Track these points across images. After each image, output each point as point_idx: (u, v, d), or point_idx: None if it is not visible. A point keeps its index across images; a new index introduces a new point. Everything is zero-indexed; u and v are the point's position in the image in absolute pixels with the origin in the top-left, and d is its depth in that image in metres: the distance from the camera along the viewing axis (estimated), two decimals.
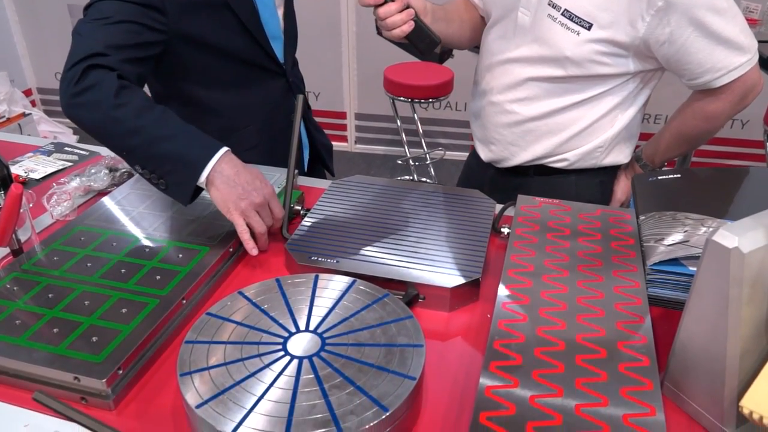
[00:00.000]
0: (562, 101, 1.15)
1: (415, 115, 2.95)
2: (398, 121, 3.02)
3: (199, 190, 0.94)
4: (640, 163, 1.26)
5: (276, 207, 0.97)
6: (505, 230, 0.98)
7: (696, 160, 3.01)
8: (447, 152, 3.21)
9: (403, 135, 3.06)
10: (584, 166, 1.22)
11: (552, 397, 0.63)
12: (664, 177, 1.01)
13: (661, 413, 0.61)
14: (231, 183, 0.92)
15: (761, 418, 0.58)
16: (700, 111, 1.14)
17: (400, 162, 3.16)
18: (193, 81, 1.18)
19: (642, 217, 0.93)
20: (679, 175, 1.00)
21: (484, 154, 1.31)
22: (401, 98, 2.75)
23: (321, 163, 1.48)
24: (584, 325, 0.73)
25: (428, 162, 3.06)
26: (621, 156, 1.24)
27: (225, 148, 0.94)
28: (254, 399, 0.62)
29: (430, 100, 2.74)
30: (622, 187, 1.29)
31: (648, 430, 0.59)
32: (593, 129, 1.17)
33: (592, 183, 1.26)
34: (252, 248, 0.92)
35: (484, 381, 0.65)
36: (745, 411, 0.60)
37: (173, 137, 0.93)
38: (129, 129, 0.93)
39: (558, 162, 1.22)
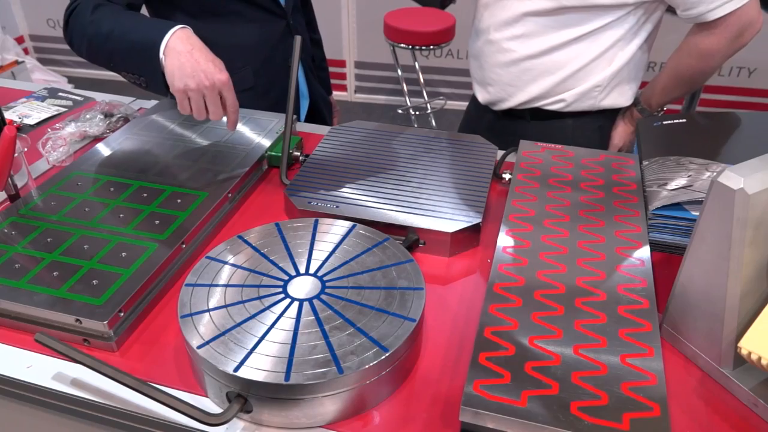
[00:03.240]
0: (558, 37, 1.13)
1: (416, 63, 2.89)
2: (399, 70, 2.96)
3: None
4: (638, 108, 1.25)
5: (230, 97, 0.91)
6: (507, 176, 0.97)
7: (701, 110, 2.97)
8: (448, 101, 3.16)
9: (404, 84, 3.00)
10: (582, 108, 1.21)
11: (551, 338, 0.63)
12: (669, 122, 0.99)
13: (659, 354, 0.62)
14: (182, 58, 0.88)
15: (759, 358, 0.59)
16: (695, 48, 1.12)
17: (400, 111, 3.11)
18: (186, 13, 1.17)
19: (645, 162, 0.92)
20: (684, 120, 0.99)
21: (482, 96, 1.30)
22: (402, 45, 2.69)
23: (320, 119, 1.46)
24: (585, 268, 0.73)
25: (429, 111, 3.03)
26: (621, 98, 1.22)
27: (181, 26, 0.92)
28: (255, 340, 0.63)
29: (432, 47, 2.68)
30: (619, 132, 1.28)
31: (645, 370, 0.60)
32: (591, 67, 1.16)
33: (589, 128, 1.25)
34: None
35: (484, 322, 0.65)
36: (744, 352, 0.60)
37: (137, 28, 0.94)
38: (104, 37, 0.96)
39: (555, 103, 1.21)
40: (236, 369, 0.59)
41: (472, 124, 1.41)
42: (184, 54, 0.89)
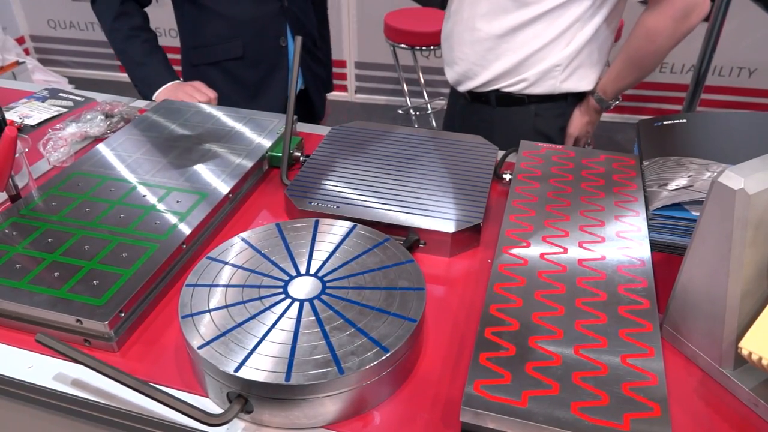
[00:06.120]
0: (519, 16, 1.19)
1: (416, 63, 2.89)
2: (399, 70, 2.96)
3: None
4: (594, 96, 1.29)
5: (206, 89, 1.29)
6: (507, 176, 0.97)
7: (701, 110, 2.98)
8: None
9: (404, 84, 3.01)
10: (543, 89, 1.26)
11: (552, 339, 0.63)
12: (669, 122, 0.99)
13: (659, 354, 0.62)
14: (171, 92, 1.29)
15: (760, 359, 0.59)
16: (643, 28, 1.16)
17: (401, 112, 3.12)
18: None
19: (646, 163, 0.92)
20: (684, 120, 0.99)
21: (450, 76, 1.37)
22: (402, 45, 2.69)
23: (310, 107, 1.57)
24: (585, 269, 0.73)
25: (429, 111, 3.03)
26: (582, 83, 1.27)
27: (174, 81, 1.32)
28: (256, 340, 0.63)
29: (432, 47, 2.69)
30: (574, 122, 1.33)
31: (646, 370, 0.60)
32: (550, 47, 1.21)
33: (551, 114, 1.31)
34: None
35: (484, 323, 0.65)
36: (744, 352, 0.60)
37: (139, 68, 1.33)
38: (117, 50, 1.35)
39: (517, 83, 1.26)
40: (237, 369, 0.59)
41: (450, 111, 1.49)
42: (172, 95, 1.28)
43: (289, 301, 0.68)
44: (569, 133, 1.34)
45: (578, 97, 1.31)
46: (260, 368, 0.59)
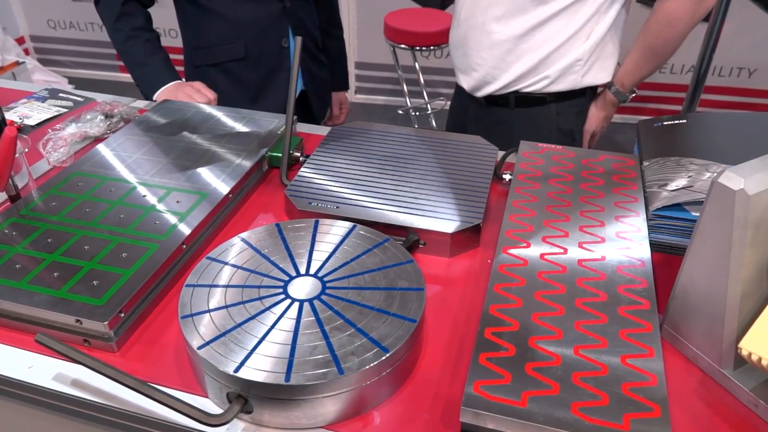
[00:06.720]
0: (537, 15, 1.18)
1: (416, 63, 2.89)
2: (399, 70, 2.96)
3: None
4: (612, 90, 1.29)
5: (206, 90, 1.29)
6: (507, 176, 0.97)
7: (701, 110, 2.98)
8: (448, 102, 3.16)
9: (404, 84, 3.01)
10: (565, 86, 1.25)
11: (551, 339, 0.63)
12: (669, 122, 0.99)
13: (659, 355, 0.62)
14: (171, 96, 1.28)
15: (760, 359, 0.59)
16: (663, 14, 1.17)
17: (400, 112, 3.12)
18: None
19: (646, 163, 0.92)
20: (684, 121, 0.99)
21: (467, 83, 1.34)
22: (402, 45, 2.69)
23: (307, 109, 1.57)
24: (585, 269, 0.73)
25: (429, 112, 3.03)
26: (602, 74, 1.27)
27: (169, 84, 1.31)
28: (256, 340, 0.63)
29: (432, 47, 2.69)
30: (591, 117, 1.33)
31: (646, 371, 0.60)
32: (572, 42, 1.21)
33: (572, 112, 1.30)
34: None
35: (484, 323, 0.65)
36: (744, 352, 0.60)
37: (140, 68, 1.34)
38: (119, 50, 1.36)
39: (540, 81, 1.25)
40: (236, 369, 0.59)
41: (459, 117, 1.45)
42: (172, 95, 1.27)
43: (288, 301, 0.68)
44: (586, 130, 1.33)
45: (595, 93, 1.31)
46: (260, 368, 0.59)
